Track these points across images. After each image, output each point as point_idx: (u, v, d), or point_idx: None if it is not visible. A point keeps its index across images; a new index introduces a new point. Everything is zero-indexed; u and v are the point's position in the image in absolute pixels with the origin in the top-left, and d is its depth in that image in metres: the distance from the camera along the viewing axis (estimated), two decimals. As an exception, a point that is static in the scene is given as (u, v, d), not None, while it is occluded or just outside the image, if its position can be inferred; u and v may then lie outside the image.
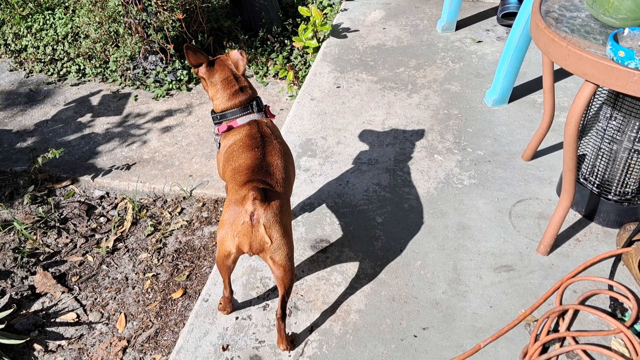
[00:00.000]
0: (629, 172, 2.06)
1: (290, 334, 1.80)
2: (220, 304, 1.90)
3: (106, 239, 2.51)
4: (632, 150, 2.00)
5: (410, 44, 3.58)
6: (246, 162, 1.68)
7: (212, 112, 1.86)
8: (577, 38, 1.73)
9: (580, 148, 2.20)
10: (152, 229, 2.53)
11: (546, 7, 1.93)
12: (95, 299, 2.25)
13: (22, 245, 2.47)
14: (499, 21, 3.75)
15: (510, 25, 3.59)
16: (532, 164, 2.51)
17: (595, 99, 2.11)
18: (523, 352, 1.74)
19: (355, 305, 1.91)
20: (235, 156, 1.73)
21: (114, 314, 2.18)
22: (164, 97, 3.43)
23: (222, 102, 1.83)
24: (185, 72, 3.52)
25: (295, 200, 2.36)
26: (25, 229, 2.51)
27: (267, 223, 1.55)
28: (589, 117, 2.16)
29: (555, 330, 1.81)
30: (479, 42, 3.55)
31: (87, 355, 2.03)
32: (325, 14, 4.03)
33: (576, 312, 1.85)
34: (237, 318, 1.89)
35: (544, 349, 1.75)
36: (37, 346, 2.06)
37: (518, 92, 2.99)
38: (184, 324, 2.07)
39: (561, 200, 1.98)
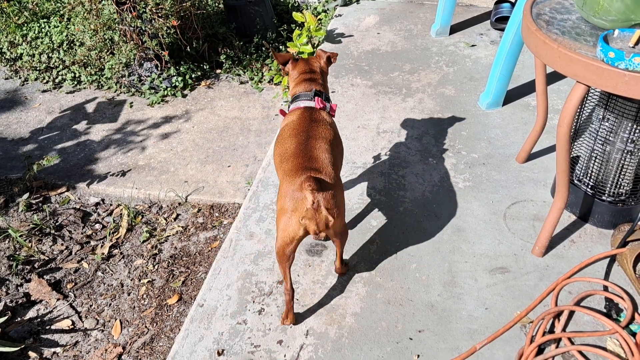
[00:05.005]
0: (623, 173, 2.07)
1: (346, 264, 2.03)
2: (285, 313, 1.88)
3: (101, 246, 2.50)
4: (625, 151, 2.01)
5: (405, 48, 3.59)
6: (293, 146, 1.79)
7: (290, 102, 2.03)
8: (568, 40, 1.74)
9: (574, 150, 2.21)
10: (148, 235, 2.52)
11: (537, 9, 1.95)
12: (91, 305, 2.24)
13: (17, 252, 2.47)
14: (492, 25, 3.77)
15: (503, 29, 3.61)
16: (526, 166, 2.52)
17: (588, 101, 2.12)
18: (519, 353, 1.74)
19: (351, 309, 1.91)
20: (286, 138, 1.85)
21: (110, 321, 2.17)
22: (159, 103, 3.44)
23: (292, 89, 2.03)
24: (180, 78, 3.53)
25: (290, 204, 2.36)
26: (20, 236, 2.51)
27: (328, 205, 1.65)
28: (583, 119, 2.17)
29: (551, 331, 1.81)
30: (472, 46, 3.57)
31: (83, 362, 2.02)
32: (320, 19, 4.05)
33: (571, 313, 1.85)
34: (232, 322, 1.89)
35: (540, 350, 1.75)
36: (32, 354, 2.05)
37: (512, 95, 3.00)
38: (179, 330, 2.07)
39: (555, 202, 1.99)
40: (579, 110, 2.13)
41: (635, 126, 1.94)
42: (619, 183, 2.10)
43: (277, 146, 1.87)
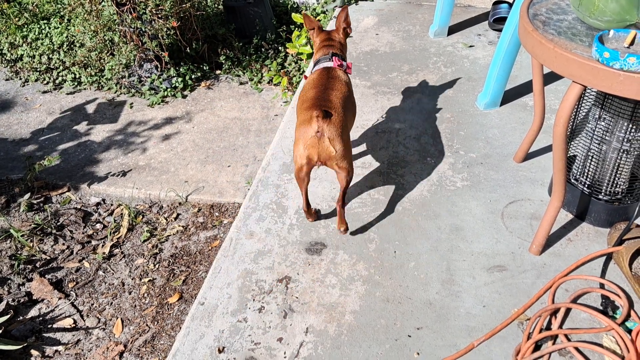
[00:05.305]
0: (619, 172, 2.09)
1: (346, 226, 2.15)
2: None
3: (102, 245, 2.52)
4: (621, 151, 2.03)
5: (403, 49, 3.62)
6: (312, 94, 2.06)
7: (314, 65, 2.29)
8: (564, 40, 1.76)
9: (570, 149, 2.23)
10: (148, 234, 2.54)
11: (534, 10, 1.97)
12: (92, 304, 2.26)
13: (19, 252, 2.49)
14: (490, 26, 3.80)
15: (501, 30, 3.63)
16: (523, 165, 2.54)
17: (584, 101, 2.14)
18: (516, 350, 1.76)
19: (350, 307, 1.93)
20: (306, 90, 2.12)
21: (111, 319, 2.19)
22: (159, 104, 3.46)
23: (314, 55, 2.30)
24: (180, 79, 3.55)
25: (289, 203, 2.38)
26: (21, 236, 2.52)
27: (331, 136, 1.89)
28: (579, 119, 2.19)
29: (548, 328, 1.83)
30: (470, 46, 3.59)
31: (84, 361, 2.04)
32: (319, 20, 4.07)
33: (568, 311, 1.87)
34: (233, 320, 1.91)
35: (537, 347, 1.77)
36: (34, 352, 2.07)
37: (509, 96, 3.02)
38: (180, 328, 2.08)
39: (552, 201, 2.01)
40: (575, 110, 2.15)
41: (631, 125, 1.96)
42: (615, 182, 2.12)
43: (299, 96, 2.13)
